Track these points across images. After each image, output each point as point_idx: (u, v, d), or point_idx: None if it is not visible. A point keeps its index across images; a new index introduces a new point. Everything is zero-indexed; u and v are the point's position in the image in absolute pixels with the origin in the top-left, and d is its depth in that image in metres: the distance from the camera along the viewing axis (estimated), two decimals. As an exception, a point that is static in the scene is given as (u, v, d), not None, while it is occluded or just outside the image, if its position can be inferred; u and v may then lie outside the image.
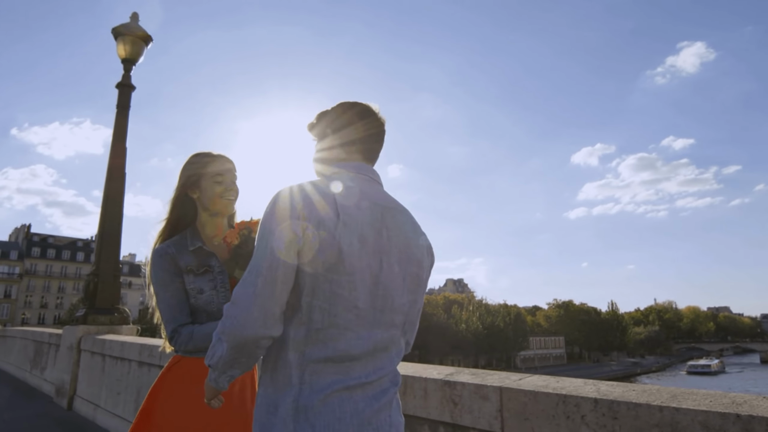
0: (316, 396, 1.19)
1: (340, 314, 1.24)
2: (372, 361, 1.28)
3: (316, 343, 1.23)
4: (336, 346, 1.23)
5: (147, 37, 7.71)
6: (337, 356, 1.23)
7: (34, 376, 8.79)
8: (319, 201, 1.27)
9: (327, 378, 1.22)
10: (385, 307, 1.31)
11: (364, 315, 1.27)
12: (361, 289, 1.26)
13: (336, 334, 1.23)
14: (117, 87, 7.59)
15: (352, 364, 1.24)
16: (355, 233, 1.27)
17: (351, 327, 1.25)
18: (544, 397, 1.77)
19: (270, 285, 1.20)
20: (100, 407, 5.55)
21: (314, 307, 1.23)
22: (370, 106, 1.50)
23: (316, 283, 1.23)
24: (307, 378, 1.21)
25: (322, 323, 1.23)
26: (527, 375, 2.06)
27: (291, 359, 1.23)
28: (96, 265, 7.05)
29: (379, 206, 1.36)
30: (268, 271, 1.21)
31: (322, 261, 1.22)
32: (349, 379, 1.23)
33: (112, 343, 5.53)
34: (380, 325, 1.30)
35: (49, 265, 77.84)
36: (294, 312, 1.24)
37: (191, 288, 1.80)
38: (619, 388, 1.73)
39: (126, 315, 7.09)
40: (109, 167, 7.34)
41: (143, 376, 4.70)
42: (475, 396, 1.97)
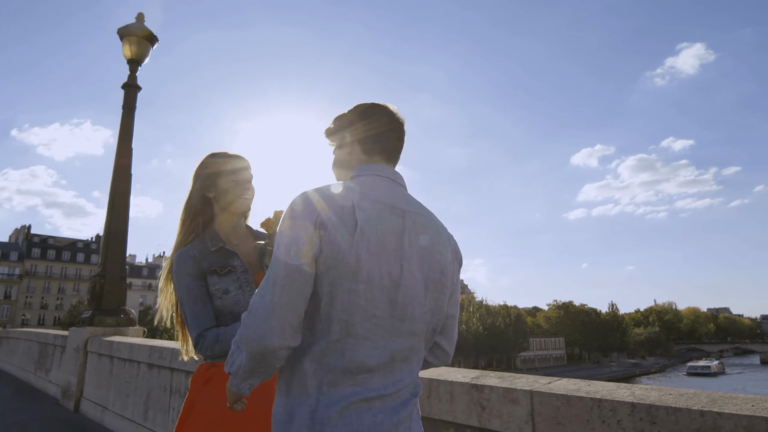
0: (333, 407, 1.16)
1: (358, 324, 1.20)
2: (391, 372, 1.24)
3: (333, 353, 1.19)
4: (354, 356, 1.19)
5: (153, 37, 7.69)
6: (355, 367, 1.19)
7: (38, 378, 8.75)
8: (336, 206, 1.23)
9: (344, 389, 1.18)
10: (405, 316, 1.26)
11: (382, 324, 1.22)
12: (379, 298, 1.22)
13: (354, 344, 1.19)
14: (123, 87, 7.57)
15: (370, 376, 1.20)
16: (374, 239, 1.23)
17: (369, 337, 1.21)
18: (578, 401, 1.74)
19: (287, 294, 1.17)
20: (108, 409, 5.52)
21: (333, 317, 1.19)
22: (388, 106, 1.48)
23: (334, 291, 1.19)
24: (325, 389, 1.17)
25: (340, 333, 1.19)
26: (555, 378, 2.03)
27: (308, 369, 1.19)
28: (102, 266, 7.02)
29: (400, 210, 1.32)
30: (285, 280, 1.17)
31: (340, 269, 1.19)
32: (367, 390, 1.19)
33: (120, 344, 5.50)
34: (399, 334, 1.26)
35: (49, 266, 77.75)
36: (312, 321, 1.21)
37: (216, 289, 1.77)
38: (654, 392, 1.71)
39: (132, 317, 7.06)
40: (115, 168, 7.32)
41: (153, 378, 4.68)
42: (504, 400, 1.95)
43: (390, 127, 1.46)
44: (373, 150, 1.43)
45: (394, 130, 1.46)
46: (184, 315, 1.78)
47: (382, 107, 1.47)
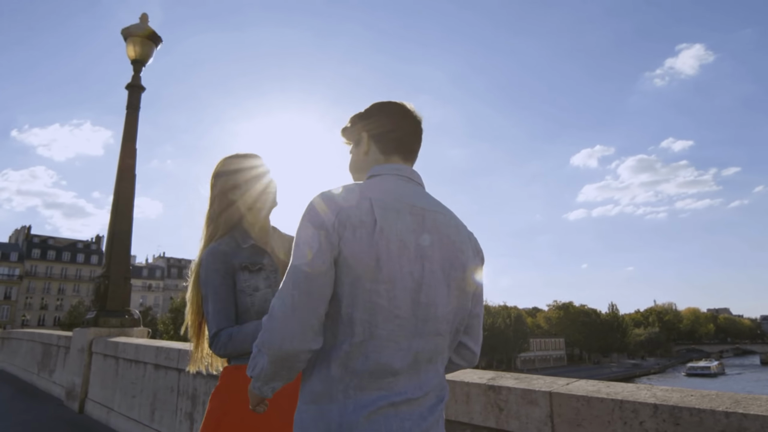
0: (360, 412, 1.14)
1: (381, 325, 1.18)
2: (416, 374, 1.23)
3: (358, 356, 1.17)
4: (378, 358, 1.17)
5: (157, 37, 7.69)
6: (380, 370, 1.17)
7: (42, 379, 8.74)
8: (355, 207, 1.21)
9: (371, 393, 1.16)
10: (428, 316, 1.24)
11: (405, 325, 1.20)
12: (402, 298, 1.20)
13: (378, 346, 1.18)
14: (127, 88, 7.57)
15: (395, 379, 1.19)
16: (394, 239, 1.21)
17: (393, 338, 1.19)
18: (599, 403, 1.74)
19: (307, 297, 1.15)
20: (114, 410, 5.51)
21: (355, 319, 1.17)
22: (404, 104, 1.46)
23: (355, 292, 1.17)
24: (351, 393, 1.16)
25: (363, 335, 1.17)
26: (573, 380, 2.03)
27: (334, 373, 1.17)
28: (107, 267, 7.02)
29: (420, 209, 1.30)
30: (304, 282, 1.16)
31: (360, 269, 1.17)
32: (393, 395, 1.18)
33: (125, 345, 5.49)
34: (423, 334, 1.24)
35: (49, 266, 77.71)
36: (334, 324, 1.19)
37: (247, 285, 1.76)
38: (676, 393, 1.70)
39: (137, 317, 7.06)
40: (119, 168, 7.32)
41: (160, 379, 4.67)
42: (523, 401, 1.94)
43: (407, 125, 1.44)
44: (390, 149, 1.42)
45: (412, 128, 1.45)
46: (206, 312, 1.77)
47: (399, 105, 1.46)
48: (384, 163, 1.41)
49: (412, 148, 1.45)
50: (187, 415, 4.14)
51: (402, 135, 1.43)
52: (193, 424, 4.03)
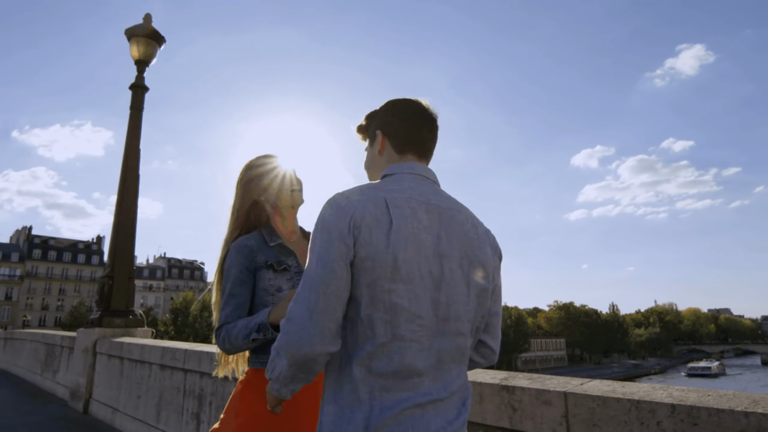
0: (387, 413, 1.13)
1: (402, 325, 1.17)
2: (440, 374, 1.22)
3: (382, 357, 1.16)
4: (402, 359, 1.16)
5: (160, 38, 7.70)
6: (405, 370, 1.16)
7: (45, 380, 8.73)
8: (370, 207, 1.20)
9: (397, 394, 1.15)
10: (449, 315, 1.23)
11: (427, 325, 1.19)
12: (422, 297, 1.19)
13: (401, 347, 1.16)
14: (130, 88, 7.58)
15: (420, 380, 1.18)
16: (411, 238, 1.20)
17: (415, 338, 1.18)
18: (615, 403, 1.73)
19: (324, 300, 1.15)
20: (119, 411, 5.51)
21: (375, 320, 1.16)
22: (420, 101, 1.44)
23: (373, 294, 1.16)
24: (377, 394, 1.15)
25: (385, 336, 1.16)
26: (587, 380, 2.02)
27: (357, 376, 1.16)
28: (110, 267, 7.02)
29: (436, 207, 1.28)
30: (321, 285, 1.15)
31: (378, 270, 1.16)
32: (419, 395, 1.17)
33: (131, 346, 5.49)
34: (445, 334, 1.23)
35: (50, 267, 77.74)
36: (355, 326, 1.18)
37: (269, 285, 1.74)
38: (692, 393, 1.69)
39: (141, 317, 7.06)
40: (123, 168, 7.33)
41: (165, 379, 4.67)
42: (537, 401, 1.94)
43: (421, 122, 1.42)
44: (404, 147, 1.40)
45: (427, 126, 1.43)
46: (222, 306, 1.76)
47: (413, 102, 1.44)
48: (399, 161, 1.39)
49: (427, 146, 1.43)
50: (193, 416, 4.13)
51: (416, 133, 1.41)
52: (199, 424, 4.03)
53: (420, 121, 1.42)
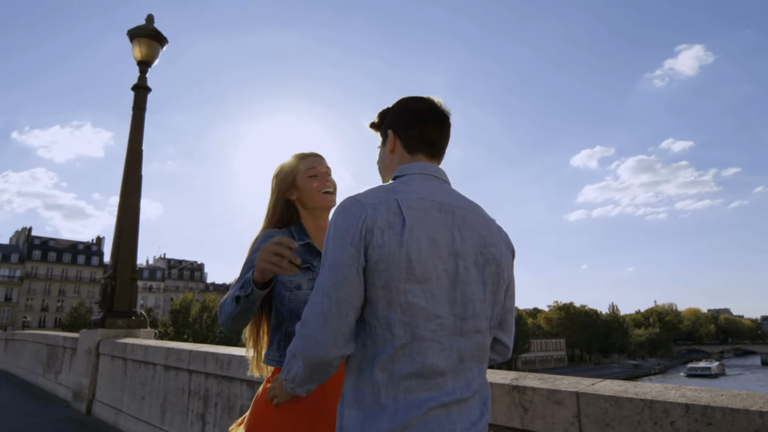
0: (412, 414, 1.13)
1: (422, 325, 1.16)
2: (461, 372, 1.21)
3: (403, 359, 1.15)
4: (424, 360, 1.16)
5: (162, 38, 7.69)
6: (427, 371, 1.16)
7: (47, 381, 8.73)
8: (382, 208, 1.20)
9: (421, 394, 1.15)
10: (466, 314, 1.23)
11: (446, 324, 1.19)
12: (439, 297, 1.19)
13: (422, 347, 1.16)
14: (133, 89, 7.58)
15: (443, 379, 1.18)
16: (424, 238, 1.19)
17: (436, 338, 1.18)
18: (628, 403, 1.73)
19: (337, 305, 1.15)
20: (123, 412, 5.51)
21: (393, 321, 1.16)
22: (432, 99, 1.44)
23: (389, 295, 1.16)
24: (401, 397, 1.14)
25: (405, 337, 1.16)
26: (598, 380, 2.02)
27: (379, 379, 1.16)
28: (113, 268, 7.01)
29: (448, 206, 1.28)
30: (333, 290, 1.16)
31: (393, 271, 1.15)
32: (443, 395, 1.17)
33: (134, 347, 5.48)
34: (464, 332, 1.22)
35: (50, 268, 77.68)
36: (373, 328, 1.18)
37: (289, 280, 1.72)
38: (705, 393, 1.70)
39: (143, 318, 7.06)
40: (126, 169, 7.32)
41: (170, 380, 4.66)
42: (548, 401, 1.94)
43: (433, 122, 1.41)
44: (416, 147, 1.40)
45: (438, 125, 1.42)
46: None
47: (425, 101, 1.43)
48: (410, 161, 1.39)
49: (438, 146, 1.43)
50: (198, 417, 4.13)
51: (428, 132, 1.40)
52: (205, 425, 4.03)
53: (431, 120, 1.41)
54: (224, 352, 3.92)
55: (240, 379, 3.66)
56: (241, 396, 3.65)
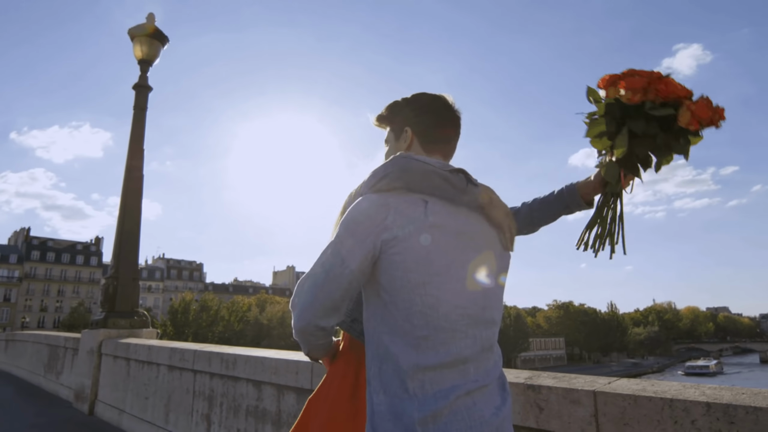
0: (441, 403, 1.13)
1: (444, 316, 1.17)
2: (483, 362, 1.22)
3: (426, 350, 1.16)
4: (449, 350, 1.17)
5: (164, 37, 7.66)
6: (451, 360, 1.16)
7: (49, 381, 8.69)
8: (403, 200, 1.22)
9: (447, 383, 1.15)
10: (486, 304, 1.25)
11: (469, 314, 1.21)
12: (460, 289, 1.20)
13: (446, 337, 1.17)
14: (134, 88, 7.54)
15: (466, 367, 1.18)
16: (444, 231, 1.21)
17: (459, 328, 1.19)
18: (647, 401, 1.71)
19: (331, 287, 1.19)
20: (126, 412, 5.48)
21: (415, 313, 1.17)
22: (446, 98, 1.46)
23: (410, 287, 1.17)
24: (428, 387, 1.14)
25: (428, 328, 1.16)
26: (614, 378, 2.00)
27: (406, 369, 1.15)
28: (115, 268, 6.98)
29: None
30: (335, 277, 1.19)
31: (410, 263, 1.17)
32: (468, 382, 1.17)
33: (137, 347, 5.46)
34: (483, 323, 1.24)
35: (49, 268, 77.53)
36: (395, 319, 1.18)
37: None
38: (726, 391, 1.68)
39: (146, 318, 7.03)
40: (127, 168, 7.30)
41: (174, 380, 4.64)
42: (565, 400, 1.92)
43: (451, 123, 1.44)
44: (432, 145, 1.42)
45: (453, 124, 1.45)
46: None
47: (443, 99, 1.45)
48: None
49: (452, 144, 1.47)
50: (203, 417, 4.11)
51: (445, 133, 1.44)
52: (210, 425, 4.00)
53: (449, 119, 1.44)
54: (229, 352, 3.90)
55: (246, 379, 3.64)
56: (246, 396, 3.63)
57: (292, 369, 3.19)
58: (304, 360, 3.12)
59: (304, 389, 3.09)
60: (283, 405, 3.28)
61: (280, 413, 3.30)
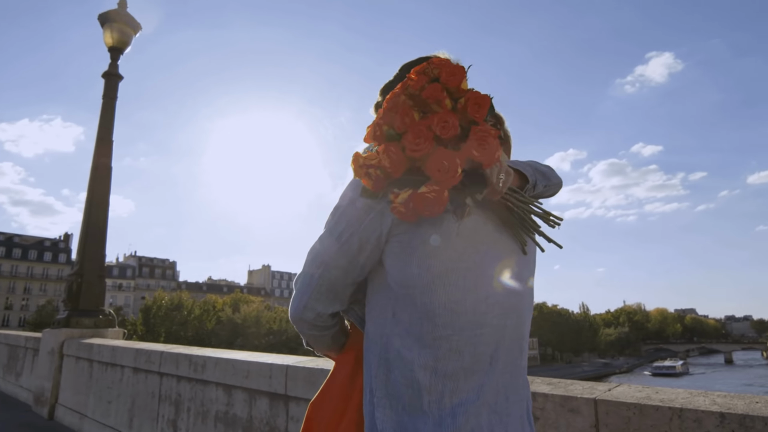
0: (459, 420, 0.96)
1: (473, 308, 1.00)
2: (513, 367, 1.07)
3: (449, 354, 0.98)
4: (475, 350, 1.00)
5: (136, 24, 7.33)
6: (475, 362, 0.99)
7: (7, 383, 8.26)
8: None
9: (469, 392, 0.98)
10: (519, 291, 1.11)
11: (500, 302, 1.04)
12: (490, 274, 1.04)
13: (471, 336, 0.99)
14: (103, 76, 7.19)
15: (492, 368, 1.01)
16: (469, 226, 1.06)
17: (488, 321, 1.01)
18: (653, 411, 1.57)
19: (329, 282, 1.07)
20: (87, 417, 5.17)
21: (437, 308, 0.99)
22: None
23: (430, 276, 0.99)
24: (447, 400, 0.97)
25: (452, 327, 0.98)
26: (614, 384, 1.86)
27: (421, 379, 0.98)
28: (79, 265, 6.64)
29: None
30: (332, 270, 1.06)
31: (432, 247, 1.01)
32: (487, 393, 1.00)
33: (101, 347, 5.16)
34: (516, 314, 1.09)
35: (15, 265, 75.09)
36: (411, 318, 1.00)
37: None
38: (738, 400, 1.55)
39: (111, 317, 6.70)
40: (95, 160, 6.96)
41: (139, 383, 4.37)
42: (562, 409, 1.77)
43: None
44: None
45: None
46: None
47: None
48: None
49: None
50: (169, 423, 3.86)
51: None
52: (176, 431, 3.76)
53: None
54: (198, 354, 3.67)
55: (215, 383, 3.42)
56: (216, 401, 3.40)
57: (265, 372, 2.99)
58: (279, 363, 2.93)
59: (278, 394, 2.89)
60: (254, 411, 3.07)
61: (251, 419, 3.09)
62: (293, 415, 2.81)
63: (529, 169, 1.17)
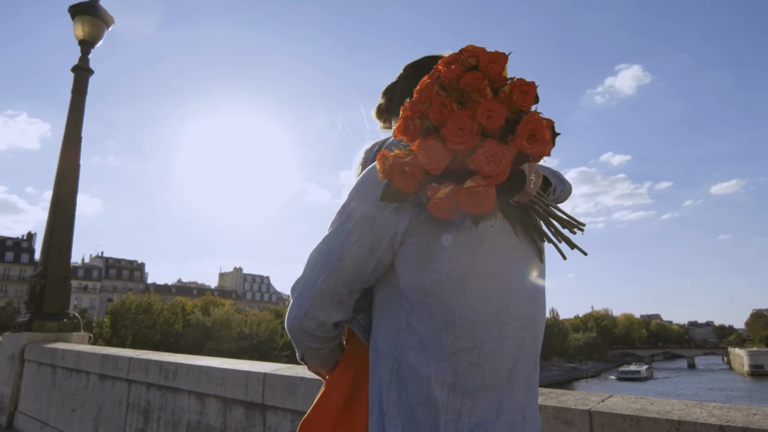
0: None
1: (494, 318, 0.92)
2: (527, 386, 0.99)
3: (470, 368, 0.89)
4: (495, 364, 0.91)
5: (108, 17, 7.09)
6: (495, 380, 0.91)
7: (-38, 389, 7.86)
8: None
9: (486, 413, 0.90)
10: (536, 298, 1.04)
11: (521, 313, 0.97)
12: (509, 279, 0.96)
13: (492, 350, 0.91)
14: (73, 70, 6.92)
15: (510, 384, 0.94)
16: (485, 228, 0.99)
17: (509, 334, 0.94)
18: (651, 423, 1.53)
19: (334, 287, 0.97)
20: (50, 426, 4.93)
21: (456, 318, 0.90)
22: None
23: (450, 283, 0.91)
24: (465, 420, 0.88)
25: (473, 338, 0.90)
26: (607, 395, 1.82)
27: (438, 397, 0.89)
28: (43, 265, 6.35)
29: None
30: (339, 274, 0.96)
31: (451, 251, 0.93)
32: (505, 411, 0.93)
33: (65, 353, 4.93)
34: (533, 323, 1.02)
35: (-27, 265, 72.27)
36: (428, 329, 0.91)
37: None
38: (736, 411, 1.52)
39: (77, 321, 6.43)
40: (62, 156, 6.67)
41: (106, 391, 4.18)
42: (556, 421, 1.71)
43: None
44: None
45: None
46: None
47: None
48: None
49: None
50: (138, 432, 3.69)
51: None
52: (145, 441, 3.60)
53: None
54: (169, 360, 3.52)
55: (188, 390, 3.28)
56: (188, 410, 3.26)
57: (240, 380, 2.87)
58: (255, 370, 2.81)
59: (255, 403, 2.77)
60: (229, 420, 2.95)
61: (226, 429, 2.96)
62: (270, 425, 2.70)
63: (548, 172, 1.10)
